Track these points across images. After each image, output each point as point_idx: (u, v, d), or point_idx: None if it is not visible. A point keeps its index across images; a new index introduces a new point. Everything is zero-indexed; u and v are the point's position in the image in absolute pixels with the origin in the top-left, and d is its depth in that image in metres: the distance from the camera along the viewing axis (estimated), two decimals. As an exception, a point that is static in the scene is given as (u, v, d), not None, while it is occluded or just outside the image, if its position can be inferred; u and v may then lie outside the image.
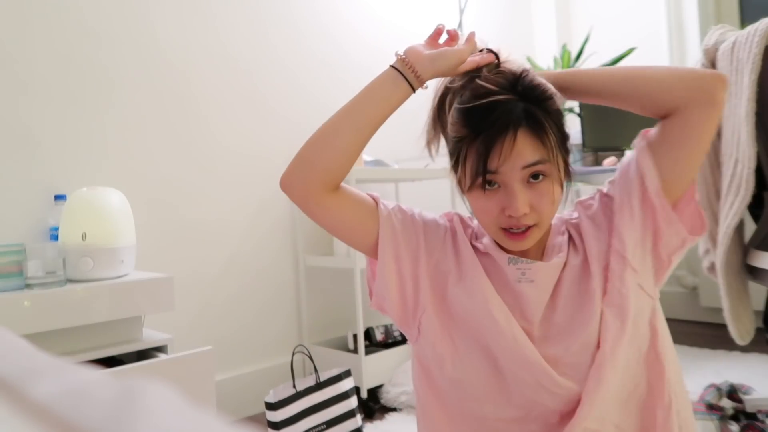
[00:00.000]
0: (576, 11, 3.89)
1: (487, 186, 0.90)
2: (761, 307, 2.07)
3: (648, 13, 3.52)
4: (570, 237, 1.01)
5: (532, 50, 3.88)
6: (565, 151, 0.94)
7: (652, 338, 0.94)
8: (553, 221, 1.02)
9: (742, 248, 1.67)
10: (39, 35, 1.95)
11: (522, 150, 0.87)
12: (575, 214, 1.03)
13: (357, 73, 2.91)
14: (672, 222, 0.92)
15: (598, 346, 0.90)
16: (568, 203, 1.01)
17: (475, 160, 0.89)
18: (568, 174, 0.96)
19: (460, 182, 0.97)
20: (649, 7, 3.51)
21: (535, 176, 0.89)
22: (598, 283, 0.94)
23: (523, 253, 0.98)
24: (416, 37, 3.11)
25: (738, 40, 1.50)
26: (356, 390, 2.00)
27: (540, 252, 0.99)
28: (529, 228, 0.91)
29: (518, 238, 0.91)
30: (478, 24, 3.55)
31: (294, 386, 1.88)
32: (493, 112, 0.88)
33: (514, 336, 0.92)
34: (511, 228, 0.91)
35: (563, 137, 0.93)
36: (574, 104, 2.93)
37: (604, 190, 1.01)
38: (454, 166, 0.97)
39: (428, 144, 1.19)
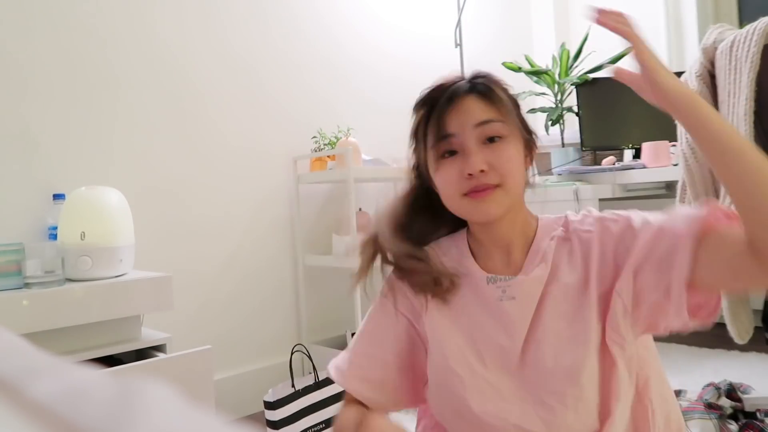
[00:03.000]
0: (574, 10, 3.89)
1: (446, 155, 0.93)
2: (760, 306, 2.07)
3: (646, 12, 3.52)
4: (568, 248, 0.95)
5: (530, 49, 3.88)
6: (522, 123, 0.97)
7: (641, 386, 0.92)
8: (544, 220, 0.99)
9: (741, 247, 1.67)
10: (39, 34, 1.94)
11: (472, 109, 0.92)
12: (588, 226, 0.95)
13: (357, 72, 2.91)
14: (680, 313, 0.83)
15: (601, 386, 0.87)
16: (577, 208, 1.00)
17: (433, 130, 0.94)
18: (530, 146, 0.99)
19: (426, 166, 0.99)
20: (648, 6, 3.50)
21: (491, 139, 0.91)
22: (594, 314, 0.89)
23: (504, 266, 0.96)
24: (416, 35, 3.10)
25: (737, 39, 1.50)
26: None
27: (522, 256, 0.96)
28: (491, 187, 0.90)
29: (480, 196, 0.90)
30: (476, 23, 3.55)
31: (293, 385, 1.88)
32: (444, 90, 0.95)
33: (480, 389, 0.91)
34: (474, 189, 0.91)
35: (517, 107, 0.97)
36: (573, 104, 2.93)
37: (634, 223, 0.90)
38: (416, 151, 1.02)
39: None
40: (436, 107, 0.95)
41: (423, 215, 1.06)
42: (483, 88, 0.94)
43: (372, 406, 1.01)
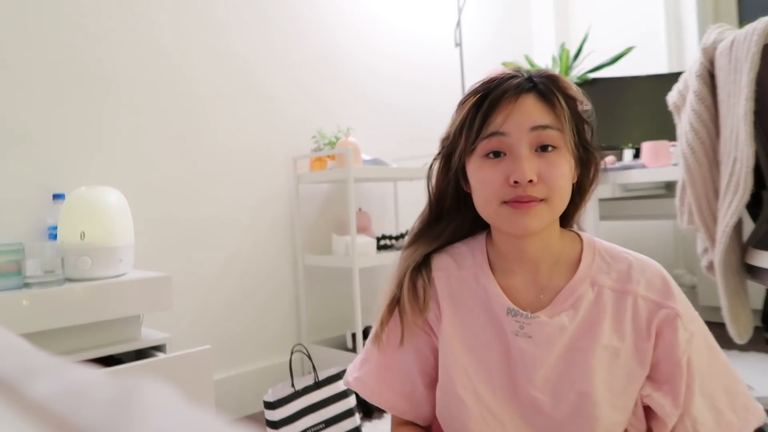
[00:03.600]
0: (574, 10, 3.89)
1: (491, 155, 0.85)
2: (759, 305, 2.07)
3: (646, 12, 3.52)
4: (615, 306, 0.86)
5: (530, 49, 3.88)
6: (579, 134, 0.88)
7: None
8: (590, 247, 0.91)
9: (741, 247, 1.67)
10: (37, 33, 1.94)
11: (530, 110, 0.83)
12: (654, 297, 0.86)
13: (357, 72, 2.91)
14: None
15: None
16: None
17: (481, 124, 0.85)
18: (587, 163, 0.90)
19: (460, 161, 0.91)
20: (648, 6, 3.51)
21: (544, 148, 0.83)
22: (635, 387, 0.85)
23: (526, 288, 0.90)
24: (416, 35, 3.10)
25: (736, 39, 1.51)
26: (355, 389, 2.00)
27: (550, 280, 0.89)
28: (536, 200, 0.82)
29: (524, 208, 0.82)
30: (476, 23, 3.55)
31: (293, 385, 1.88)
32: (502, 82, 0.86)
33: (484, 420, 0.88)
34: (517, 199, 0.82)
35: (578, 118, 0.88)
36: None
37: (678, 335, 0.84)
38: (453, 139, 0.92)
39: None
40: (488, 99, 0.85)
41: (447, 218, 1.01)
42: (545, 88, 0.85)
43: (409, 418, 0.99)
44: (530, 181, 0.81)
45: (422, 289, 0.95)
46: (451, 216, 1.01)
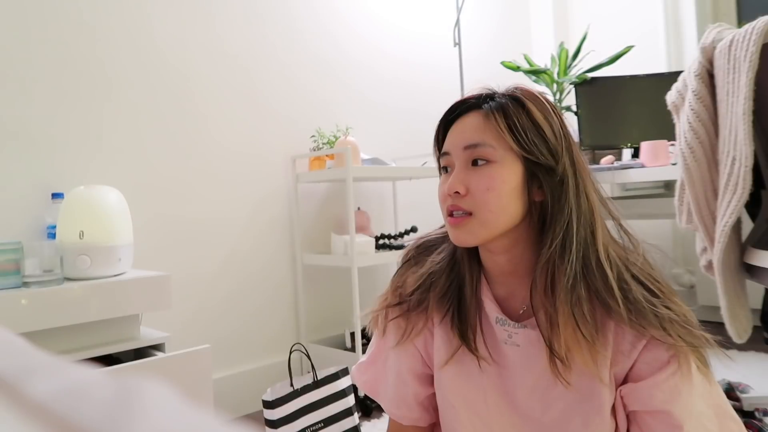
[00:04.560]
0: (573, 9, 3.89)
1: (445, 170, 0.93)
2: (758, 305, 2.07)
3: (645, 11, 3.52)
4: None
5: (529, 48, 3.88)
6: (525, 148, 0.85)
7: None
8: None
9: (740, 247, 1.67)
10: (36, 33, 1.94)
11: (466, 130, 0.89)
12: (639, 339, 0.84)
13: (355, 71, 2.91)
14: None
15: None
16: None
17: (439, 142, 0.95)
18: (545, 176, 0.86)
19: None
20: (647, 5, 3.51)
21: (475, 162, 0.87)
22: (608, 398, 0.85)
23: (511, 298, 0.93)
24: (415, 35, 3.11)
25: (735, 38, 1.50)
26: (353, 388, 2.00)
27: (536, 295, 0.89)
28: (465, 214, 0.86)
29: (454, 222, 0.87)
30: (475, 22, 3.55)
31: (291, 384, 1.88)
32: (462, 104, 0.93)
33: (473, 426, 0.92)
34: (451, 212, 0.88)
35: (518, 134, 0.85)
36: (572, 103, 2.93)
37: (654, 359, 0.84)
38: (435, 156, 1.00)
39: None
40: (445, 122, 0.95)
41: None
42: (490, 106, 0.87)
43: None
44: (456, 193, 0.86)
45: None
46: None
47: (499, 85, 0.93)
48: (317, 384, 1.91)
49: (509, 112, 0.86)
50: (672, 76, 2.04)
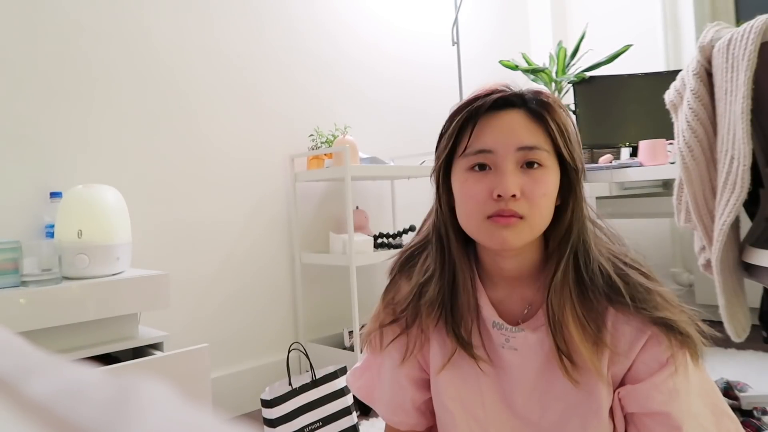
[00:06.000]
0: (572, 8, 3.89)
1: (477, 168, 0.85)
2: (757, 304, 2.08)
3: (644, 10, 3.52)
4: None
5: (527, 47, 3.88)
6: (570, 155, 0.85)
7: None
8: None
9: (738, 245, 1.67)
10: (34, 32, 1.94)
11: (518, 129, 0.83)
12: (643, 324, 0.84)
13: (353, 70, 2.91)
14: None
15: None
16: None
17: (468, 140, 0.85)
18: (570, 181, 0.87)
19: (442, 172, 0.91)
20: (645, 4, 3.51)
21: (530, 164, 0.83)
22: (606, 399, 0.85)
23: (510, 301, 0.91)
24: (413, 33, 3.11)
25: (734, 37, 1.51)
26: (352, 387, 2.00)
27: (532, 295, 0.90)
28: (516, 217, 0.82)
29: (505, 222, 0.81)
30: (473, 21, 3.55)
31: (290, 383, 1.88)
32: (491, 95, 0.86)
33: (468, 425, 0.92)
34: (499, 213, 0.82)
35: (565, 135, 0.85)
36: (570, 102, 2.93)
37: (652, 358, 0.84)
38: (443, 152, 0.91)
39: None
40: (478, 114, 0.85)
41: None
42: (536, 106, 0.84)
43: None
44: (513, 195, 0.81)
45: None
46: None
47: (515, 82, 0.90)
48: (316, 383, 1.91)
49: (554, 116, 0.84)
50: (670, 75, 2.04)
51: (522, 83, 0.90)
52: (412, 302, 0.94)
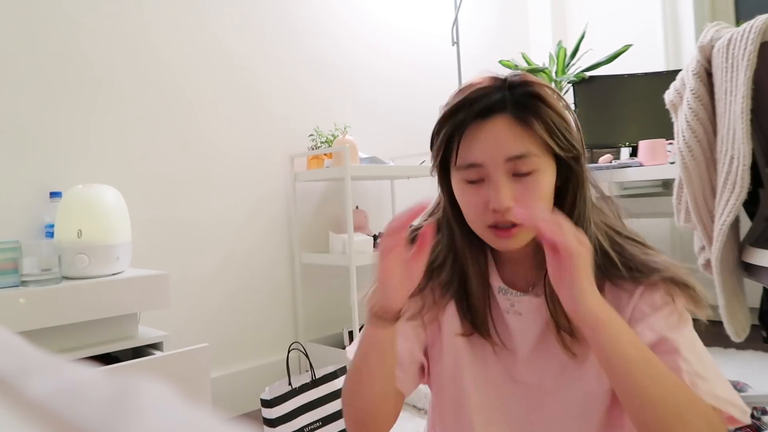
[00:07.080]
0: (571, 8, 3.89)
1: (469, 183, 0.85)
2: (756, 304, 2.07)
3: (643, 10, 3.52)
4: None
5: (527, 47, 3.88)
6: (559, 140, 0.83)
7: None
8: None
9: (738, 245, 1.67)
10: (34, 32, 1.94)
11: (504, 139, 0.81)
12: (636, 286, 0.85)
13: (353, 70, 2.91)
14: None
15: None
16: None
17: (456, 151, 0.85)
18: (572, 169, 0.86)
19: (444, 173, 0.92)
20: (645, 4, 3.51)
21: (521, 173, 0.82)
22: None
23: (517, 277, 0.93)
24: (413, 33, 3.09)
25: (734, 37, 1.51)
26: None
27: (542, 272, 0.88)
28: (514, 226, 0.82)
29: (504, 235, 0.83)
30: (473, 21, 3.55)
31: (290, 383, 1.88)
32: (475, 102, 0.84)
33: (482, 404, 0.93)
34: (497, 224, 0.83)
35: (558, 135, 0.83)
36: (570, 102, 2.93)
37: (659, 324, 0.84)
38: (435, 160, 0.91)
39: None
40: (463, 126, 0.84)
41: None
42: (521, 105, 0.82)
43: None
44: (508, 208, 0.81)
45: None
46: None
47: (497, 73, 0.88)
48: (315, 383, 1.91)
49: (541, 113, 0.82)
50: (670, 75, 2.04)
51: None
52: (426, 274, 0.92)
